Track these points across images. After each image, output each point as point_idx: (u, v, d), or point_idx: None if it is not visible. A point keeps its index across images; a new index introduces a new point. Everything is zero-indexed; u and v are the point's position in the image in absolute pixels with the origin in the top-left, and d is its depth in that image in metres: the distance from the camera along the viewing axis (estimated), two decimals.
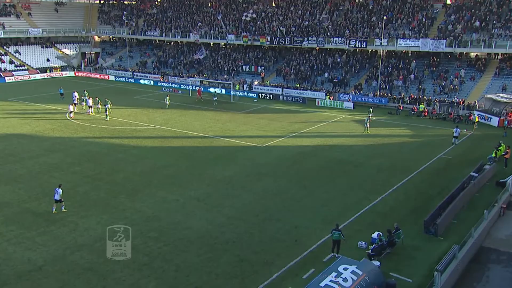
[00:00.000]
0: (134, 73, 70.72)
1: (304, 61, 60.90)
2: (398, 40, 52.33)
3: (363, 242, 18.45)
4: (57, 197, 21.30)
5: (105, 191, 24.07)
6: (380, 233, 18.47)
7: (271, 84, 58.69)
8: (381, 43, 52.21)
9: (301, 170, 27.94)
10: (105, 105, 42.34)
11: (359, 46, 54.91)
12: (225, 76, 63.58)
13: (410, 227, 19.86)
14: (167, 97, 48.55)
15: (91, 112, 43.77)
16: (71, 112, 42.25)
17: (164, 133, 36.84)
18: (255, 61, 64.86)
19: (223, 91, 57.30)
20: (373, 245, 17.86)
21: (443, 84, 49.27)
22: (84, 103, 45.66)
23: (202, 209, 21.95)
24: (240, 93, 56.91)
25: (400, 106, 46.81)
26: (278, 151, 31.82)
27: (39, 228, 19.75)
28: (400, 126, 40.50)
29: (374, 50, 57.38)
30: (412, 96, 48.46)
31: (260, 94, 55.70)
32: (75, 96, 46.16)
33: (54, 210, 21.41)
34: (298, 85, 56.65)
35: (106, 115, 41.27)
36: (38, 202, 22.61)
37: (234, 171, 27.40)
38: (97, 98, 45.63)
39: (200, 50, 65.08)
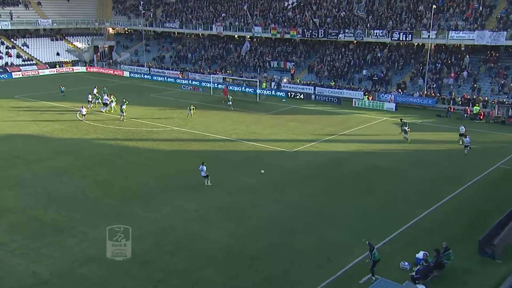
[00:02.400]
0: (151, 68, 71.95)
1: (340, 56, 60.53)
2: (450, 32, 51.32)
3: (406, 263, 18.13)
4: (203, 173, 25.88)
5: (118, 198, 24.50)
6: (426, 252, 18.10)
7: (302, 82, 58.53)
8: (429, 36, 51.33)
9: (335, 178, 27.76)
10: (121, 105, 42.69)
11: (404, 39, 54.14)
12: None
13: (462, 247, 19.38)
14: (191, 106, 43.46)
15: (105, 110, 44.76)
16: (84, 115, 41.79)
17: (182, 135, 37.26)
18: (284, 56, 64.88)
19: (248, 89, 57.58)
20: (418, 267, 17.53)
21: (503, 82, 48.00)
22: (100, 101, 46.73)
23: (223, 220, 22.05)
24: (267, 92, 56.99)
25: (450, 108, 45.90)
26: (309, 157, 31.70)
27: (46, 238, 20.23)
28: (450, 130, 39.67)
29: (421, 44, 56.37)
30: (465, 97, 47.43)
31: (289, 93, 55.65)
32: (95, 94, 47.63)
33: (206, 183, 26.02)
34: (333, 83, 56.34)
35: (122, 115, 41.63)
36: (45, 209, 23.19)
37: (259, 179, 27.44)
38: (112, 96, 46.58)
39: (244, 43, 64.92)
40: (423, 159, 31.41)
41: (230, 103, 47.63)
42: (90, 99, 46.56)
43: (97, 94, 48.08)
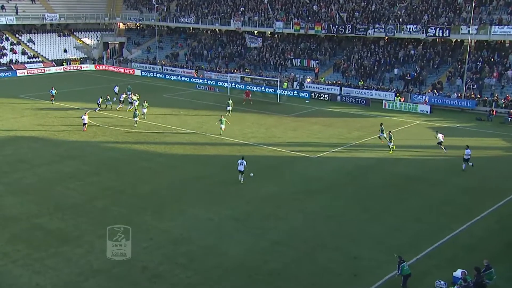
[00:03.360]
0: (163, 67, 72.60)
1: (369, 54, 60.19)
2: (492, 27, 50.57)
3: (442, 282, 17.85)
4: (241, 168, 27.25)
5: (127, 206, 24.70)
6: (465, 271, 17.77)
7: (327, 82, 58.36)
8: (469, 31, 50.70)
9: (363, 187, 27.59)
10: (135, 111, 41.58)
11: (440, 35, 53.60)
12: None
13: (505, 266, 19.07)
14: (223, 118, 39.12)
15: (130, 109, 45.54)
16: (84, 124, 38.93)
17: (197, 139, 37.46)
18: (308, 53, 64.82)
19: (268, 89, 57.61)
20: (456, 286, 17.26)
21: None
22: (111, 103, 46.97)
23: (240, 232, 22.07)
24: (289, 93, 57.02)
25: (492, 111, 45.24)
26: (334, 164, 31.59)
27: (50, 248, 20.48)
28: (492, 136, 39.13)
29: (459, 40, 55.82)
30: (509, 98, 46.73)
31: (313, 94, 55.58)
32: (116, 93, 48.93)
33: (241, 180, 27.52)
34: (361, 83, 56.06)
35: (136, 121, 40.77)
36: (50, 217, 23.50)
37: (280, 187, 27.44)
38: (135, 95, 47.53)
39: (252, 38, 65.10)
40: (462, 168, 30.97)
41: (230, 108, 44.73)
42: (99, 102, 46.37)
43: (108, 97, 47.68)
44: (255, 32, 70.93)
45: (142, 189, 27.04)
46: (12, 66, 71.65)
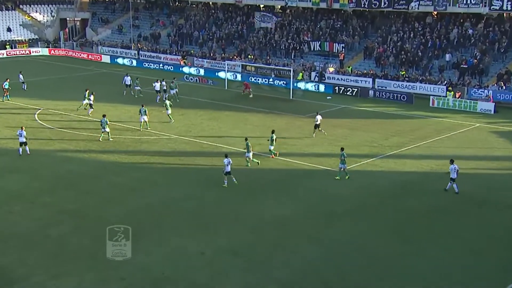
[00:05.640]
0: (140, 51, 72.97)
1: (412, 35, 60.41)
2: None
3: None
4: (229, 168, 29.91)
5: (91, 235, 24.75)
6: None
7: (356, 72, 58.60)
8: None
9: (402, 211, 27.63)
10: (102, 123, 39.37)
11: (509, 8, 53.80)
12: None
13: None
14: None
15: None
16: (23, 143, 34.90)
17: (184, 146, 37.77)
18: (330, 34, 65.08)
19: (278, 82, 57.88)
20: None
21: None
22: (86, 102, 46.17)
23: (240, 268, 22.15)
24: (306, 86, 57.34)
25: None
26: (364, 179, 31.71)
27: None
28: None
29: None
30: None
31: (337, 88, 55.88)
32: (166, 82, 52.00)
33: (226, 184, 30.02)
34: (403, 72, 56.21)
35: (106, 132, 38.60)
36: None
37: (292, 209, 27.52)
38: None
39: (265, 16, 66.00)
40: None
41: (169, 112, 44.08)
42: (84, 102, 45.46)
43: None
44: (261, 6, 71.29)
45: (111, 213, 27.03)
46: None
